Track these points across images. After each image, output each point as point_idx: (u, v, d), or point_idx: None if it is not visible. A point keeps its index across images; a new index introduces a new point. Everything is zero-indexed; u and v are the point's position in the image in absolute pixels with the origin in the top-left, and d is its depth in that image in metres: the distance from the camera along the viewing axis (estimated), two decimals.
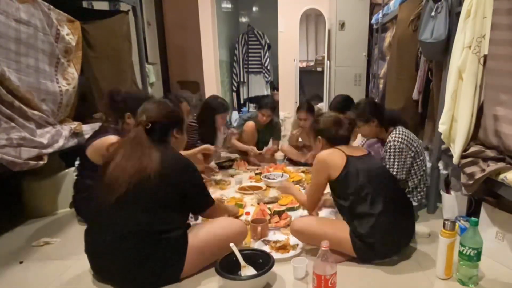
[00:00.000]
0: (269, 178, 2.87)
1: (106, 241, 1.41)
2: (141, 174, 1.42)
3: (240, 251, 1.51)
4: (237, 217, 2.08)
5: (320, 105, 4.75)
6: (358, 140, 2.82)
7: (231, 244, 1.49)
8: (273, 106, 3.52)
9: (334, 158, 1.68)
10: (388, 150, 2.07)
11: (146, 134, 1.52)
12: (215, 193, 2.62)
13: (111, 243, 1.40)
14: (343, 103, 3.07)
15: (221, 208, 1.84)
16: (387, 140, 2.11)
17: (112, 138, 1.95)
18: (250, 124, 3.46)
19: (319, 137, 1.83)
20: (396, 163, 2.05)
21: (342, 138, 1.79)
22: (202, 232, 1.55)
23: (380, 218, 1.54)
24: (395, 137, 2.08)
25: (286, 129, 5.00)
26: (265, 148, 3.58)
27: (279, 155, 3.54)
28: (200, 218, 1.92)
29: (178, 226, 1.50)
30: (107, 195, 1.43)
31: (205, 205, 1.66)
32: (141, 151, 1.47)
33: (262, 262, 1.49)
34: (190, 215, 1.92)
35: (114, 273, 1.44)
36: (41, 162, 2.00)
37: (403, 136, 2.08)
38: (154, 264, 1.41)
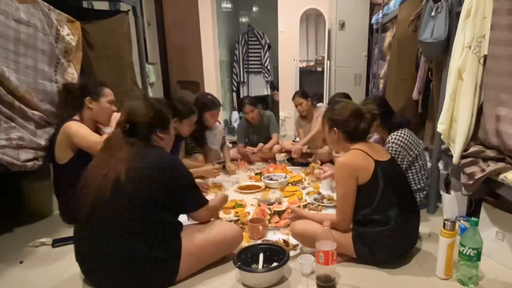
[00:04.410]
0: (272, 179, 2.87)
1: (94, 249, 1.38)
2: (110, 179, 1.35)
3: (255, 245, 1.62)
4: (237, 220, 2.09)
5: (319, 105, 4.75)
6: None
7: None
8: (251, 102, 3.57)
9: (361, 161, 1.54)
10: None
11: (124, 135, 1.44)
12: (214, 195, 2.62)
13: (99, 252, 1.36)
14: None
15: (212, 208, 1.66)
16: (387, 141, 2.11)
17: (70, 123, 2.04)
18: None
19: (335, 129, 1.65)
20: None
21: (361, 133, 1.63)
22: (198, 237, 1.51)
23: (393, 229, 1.52)
24: (394, 139, 2.08)
25: (286, 129, 5.01)
26: (264, 146, 3.59)
27: (281, 156, 3.55)
28: None
29: (169, 229, 1.45)
30: (83, 203, 1.39)
31: (196, 205, 1.55)
32: (110, 154, 1.40)
33: (275, 256, 1.56)
34: None
35: (105, 280, 1.40)
36: (38, 163, 2.00)
37: (402, 139, 2.08)
38: (147, 268, 1.38)
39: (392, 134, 2.10)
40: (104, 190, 1.34)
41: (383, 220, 1.52)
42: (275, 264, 1.51)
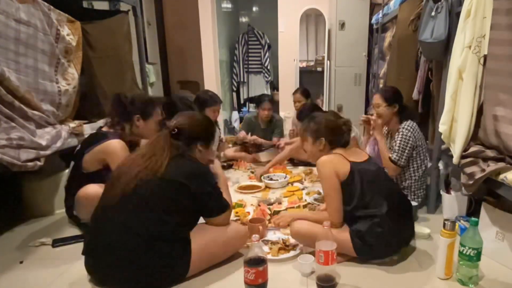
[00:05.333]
0: (271, 179, 2.87)
1: (107, 242, 1.40)
2: (146, 173, 1.44)
3: None
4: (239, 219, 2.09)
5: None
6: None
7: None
8: (271, 99, 3.57)
9: (338, 161, 1.64)
10: (396, 136, 2.20)
11: (170, 139, 1.55)
12: None
13: (113, 244, 1.39)
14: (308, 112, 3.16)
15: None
16: (401, 127, 2.21)
17: (114, 143, 1.93)
18: None
19: (322, 138, 1.74)
20: (398, 147, 2.16)
21: (344, 143, 1.77)
22: (206, 235, 1.55)
23: (382, 218, 1.54)
24: (406, 126, 2.21)
25: (286, 129, 4.99)
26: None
27: None
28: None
29: (183, 230, 1.50)
30: (111, 191, 1.45)
31: (217, 211, 1.60)
32: (154, 151, 1.51)
33: None
34: None
35: (115, 275, 1.41)
36: (39, 164, 2.00)
37: (413, 129, 2.20)
38: (159, 265, 1.40)
39: (403, 124, 2.22)
40: (135, 182, 1.43)
41: (372, 213, 1.56)
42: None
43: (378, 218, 1.54)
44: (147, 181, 1.43)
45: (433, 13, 2.03)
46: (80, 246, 1.52)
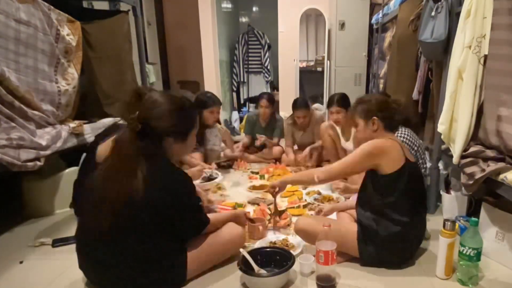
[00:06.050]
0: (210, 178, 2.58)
1: (97, 272, 1.36)
2: (123, 200, 1.26)
3: (260, 248, 1.60)
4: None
5: (317, 105, 4.74)
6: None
7: (241, 250, 1.47)
8: (270, 97, 3.56)
9: (393, 152, 1.51)
10: None
11: (135, 140, 1.29)
12: (214, 195, 2.61)
13: (103, 274, 1.35)
14: (342, 100, 2.96)
15: (216, 221, 1.58)
16: None
17: None
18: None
19: (375, 118, 1.61)
20: None
21: (398, 121, 1.67)
22: (201, 240, 1.50)
23: (404, 233, 1.52)
24: (399, 137, 2.08)
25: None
26: (258, 141, 3.54)
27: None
28: None
29: (176, 251, 1.42)
30: (91, 224, 1.32)
31: (197, 229, 1.48)
32: (125, 167, 1.28)
33: (280, 258, 1.52)
34: None
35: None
36: (39, 164, 2.00)
37: (406, 137, 2.10)
38: (156, 279, 1.36)
39: (397, 133, 2.10)
40: (114, 213, 1.28)
41: (396, 219, 1.51)
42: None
43: (400, 230, 1.50)
44: (123, 209, 1.27)
45: (433, 13, 2.03)
46: None
